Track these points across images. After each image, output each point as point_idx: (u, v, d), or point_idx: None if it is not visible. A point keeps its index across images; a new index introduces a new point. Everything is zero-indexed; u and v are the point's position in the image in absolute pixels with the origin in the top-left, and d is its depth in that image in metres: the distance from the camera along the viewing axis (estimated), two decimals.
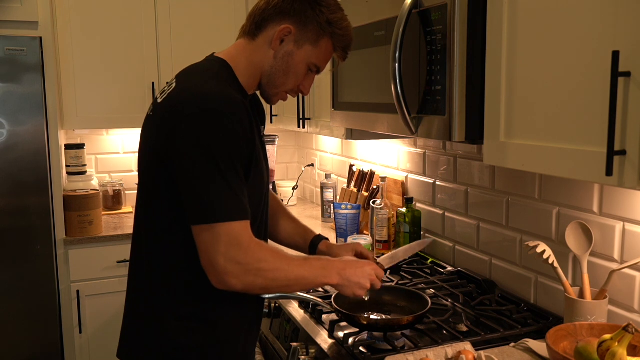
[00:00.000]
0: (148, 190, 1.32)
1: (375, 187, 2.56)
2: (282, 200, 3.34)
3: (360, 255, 1.55)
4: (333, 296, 1.59)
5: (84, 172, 2.99)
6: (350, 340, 1.49)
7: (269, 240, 1.52)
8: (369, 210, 2.50)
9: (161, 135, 1.22)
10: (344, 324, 1.57)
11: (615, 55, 0.98)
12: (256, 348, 1.87)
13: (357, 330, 1.52)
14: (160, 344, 1.31)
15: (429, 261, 2.15)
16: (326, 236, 1.65)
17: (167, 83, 1.34)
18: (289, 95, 1.40)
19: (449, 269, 2.05)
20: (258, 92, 1.42)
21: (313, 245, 1.60)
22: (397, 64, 1.45)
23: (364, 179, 2.69)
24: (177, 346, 1.30)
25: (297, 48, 1.31)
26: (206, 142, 1.16)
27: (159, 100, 1.29)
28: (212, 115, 1.16)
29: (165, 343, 1.30)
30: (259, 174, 1.29)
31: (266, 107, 3.03)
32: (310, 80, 1.39)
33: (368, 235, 2.45)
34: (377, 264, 1.44)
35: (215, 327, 1.32)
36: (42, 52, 2.59)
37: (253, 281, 1.20)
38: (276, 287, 1.25)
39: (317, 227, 2.89)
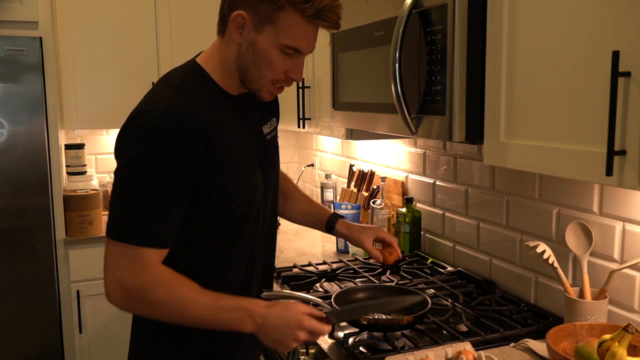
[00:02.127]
0: None
1: (375, 187, 2.56)
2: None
3: (382, 240, 1.55)
4: (333, 296, 1.59)
5: (84, 172, 2.99)
6: (350, 340, 1.49)
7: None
8: (369, 210, 2.50)
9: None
10: (344, 324, 1.57)
11: (615, 55, 0.98)
12: None
13: (357, 330, 1.52)
14: (160, 349, 1.31)
15: (429, 261, 2.15)
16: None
17: None
18: (281, 86, 1.27)
19: (449, 269, 2.05)
20: None
21: (329, 225, 1.56)
22: (397, 64, 1.45)
23: (364, 179, 2.69)
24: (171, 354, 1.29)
25: (258, 33, 1.17)
26: (135, 160, 1.12)
27: None
28: (146, 135, 1.11)
29: (163, 348, 1.30)
30: (230, 191, 1.21)
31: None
32: (297, 64, 1.23)
33: None
34: (329, 314, 1.23)
35: (215, 338, 1.29)
36: (42, 52, 2.59)
37: (138, 309, 1.18)
38: (168, 321, 1.18)
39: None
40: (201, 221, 1.22)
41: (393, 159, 2.53)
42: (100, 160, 3.33)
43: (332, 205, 2.78)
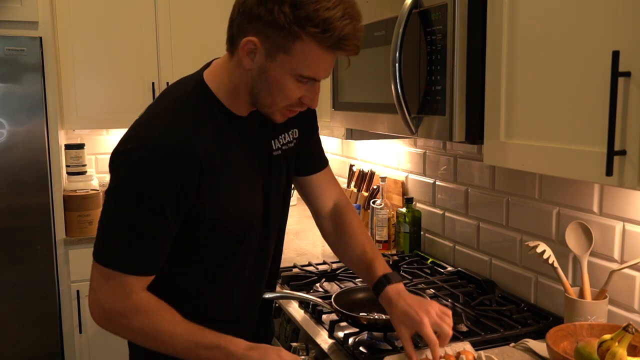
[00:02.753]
0: None
1: (375, 187, 2.56)
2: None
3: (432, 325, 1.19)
4: (333, 296, 1.59)
5: (84, 172, 2.99)
6: (350, 340, 1.49)
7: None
8: (369, 210, 2.50)
9: None
10: (344, 324, 1.57)
11: (615, 55, 0.98)
12: None
13: (357, 330, 1.52)
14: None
15: (429, 261, 2.15)
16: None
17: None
18: (296, 110, 1.22)
19: (449, 269, 2.05)
20: None
21: (379, 287, 1.29)
22: (397, 64, 1.45)
23: (364, 179, 2.69)
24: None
25: (270, 61, 1.08)
26: (124, 188, 1.09)
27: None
28: (138, 163, 1.07)
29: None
30: (226, 215, 1.18)
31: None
32: (312, 91, 1.16)
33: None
34: None
35: None
36: (42, 52, 2.59)
37: (116, 331, 1.17)
38: (145, 346, 1.17)
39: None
40: (193, 245, 1.20)
41: (393, 159, 2.52)
42: (100, 160, 3.33)
43: None
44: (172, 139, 1.09)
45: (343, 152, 3.04)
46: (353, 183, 2.79)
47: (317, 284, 1.92)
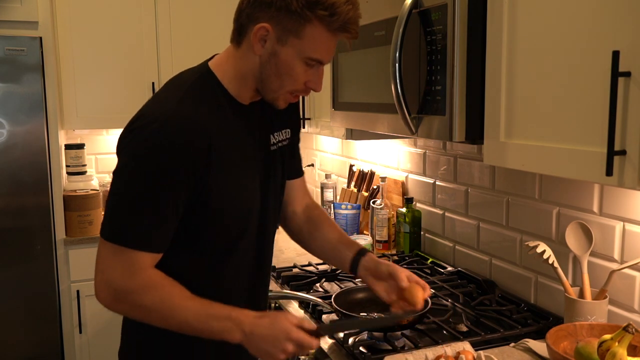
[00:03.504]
0: None
1: (375, 187, 2.56)
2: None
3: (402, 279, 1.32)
4: (333, 296, 1.59)
5: (84, 172, 2.99)
6: (350, 340, 1.49)
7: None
8: (369, 210, 2.50)
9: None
10: None
11: (615, 55, 0.98)
12: None
13: (357, 330, 1.52)
14: (149, 341, 1.30)
15: (429, 261, 2.15)
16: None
17: None
18: (299, 95, 1.26)
19: (449, 269, 2.05)
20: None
21: (361, 254, 1.40)
22: (397, 64, 1.45)
23: (364, 179, 2.69)
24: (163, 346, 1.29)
25: (281, 45, 1.15)
26: (135, 163, 1.11)
27: None
28: (147, 139, 1.10)
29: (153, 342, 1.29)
30: (229, 201, 1.20)
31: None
32: (318, 75, 1.21)
33: (368, 235, 2.45)
34: (319, 327, 1.21)
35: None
36: (42, 52, 2.59)
37: (125, 310, 1.18)
38: (154, 324, 1.17)
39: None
40: (197, 230, 1.21)
41: (393, 159, 2.53)
42: (100, 160, 3.33)
43: (332, 205, 2.79)
44: (183, 114, 1.12)
45: (343, 152, 3.04)
46: (353, 183, 2.79)
47: (317, 284, 1.92)
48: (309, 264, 2.15)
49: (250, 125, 1.27)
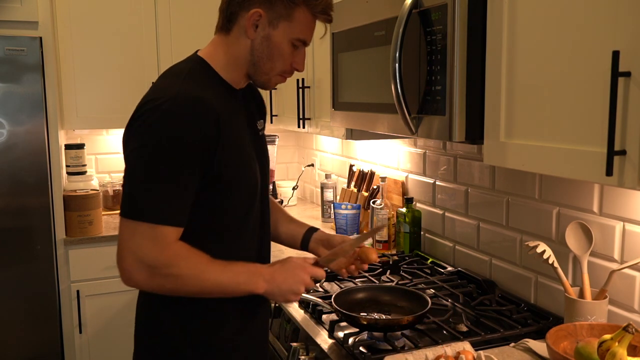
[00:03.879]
0: None
1: (375, 187, 2.56)
2: (281, 201, 3.34)
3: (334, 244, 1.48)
4: (333, 296, 1.59)
5: (84, 172, 2.99)
6: (350, 340, 1.49)
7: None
8: (369, 210, 2.50)
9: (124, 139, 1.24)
10: (344, 324, 1.57)
11: (615, 55, 0.98)
12: None
13: (357, 330, 1.52)
14: (163, 348, 1.31)
15: (429, 261, 2.15)
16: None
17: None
18: (286, 77, 1.36)
19: (449, 269, 2.05)
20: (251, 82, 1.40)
21: (312, 230, 1.56)
22: (397, 64, 1.45)
23: (364, 179, 2.69)
24: (178, 350, 1.30)
25: (273, 29, 1.27)
26: (149, 142, 1.16)
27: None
28: (160, 117, 1.16)
29: (167, 348, 1.31)
30: (239, 177, 1.27)
31: (267, 107, 3.04)
32: (301, 56, 1.34)
33: None
34: (316, 263, 1.36)
35: (215, 332, 1.32)
36: (42, 52, 2.59)
37: (161, 284, 1.21)
38: (189, 293, 1.24)
39: (317, 227, 2.88)
40: (210, 205, 1.25)
41: (393, 159, 2.53)
42: (100, 160, 3.33)
43: (332, 205, 2.79)
44: (190, 93, 1.19)
45: (343, 152, 3.04)
46: (353, 183, 2.79)
47: (317, 284, 1.92)
48: None
49: (243, 110, 1.35)
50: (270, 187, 3.32)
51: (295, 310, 1.75)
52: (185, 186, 1.18)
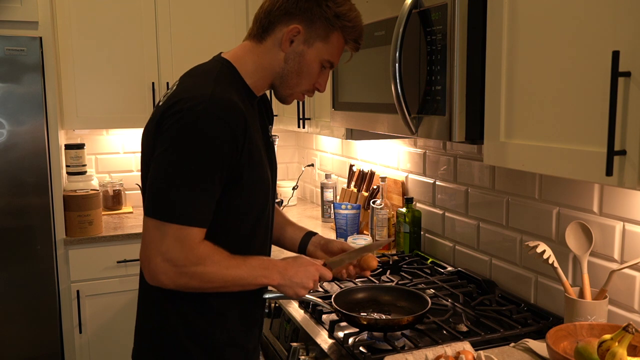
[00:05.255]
0: None
1: (375, 187, 2.56)
2: (281, 202, 3.34)
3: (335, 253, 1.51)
4: (333, 296, 1.59)
5: (84, 172, 2.99)
6: (350, 340, 1.49)
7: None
8: (369, 210, 2.50)
9: (155, 138, 1.23)
10: (344, 324, 1.57)
11: (615, 55, 0.98)
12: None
13: (357, 330, 1.52)
14: (167, 345, 1.32)
15: (429, 261, 2.15)
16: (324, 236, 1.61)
17: (172, 85, 1.34)
18: (306, 95, 1.39)
19: (449, 269, 2.05)
20: (268, 92, 1.42)
21: (310, 235, 1.58)
22: (397, 64, 1.45)
23: (364, 179, 2.69)
24: (182, 347, 1.31)
25: (308, 47, 1.30)
26: (183, 143, 1.17)
27: (160, 104, 1.29)
28: (195, 119, 1.16)
29: (171, 344, 1.31)
30: (255, 178, 1.28)
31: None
32: (325, 77, 1.37)
33: (368, 235, 2.45)
34: (325, 263, 1.40)
35: (219, 328, 1.33)
36: (42, 52, 2.59)
37: (187, 282, 1.22)
38: (211, 289, 1.26)
39: (317, 227, 2.89)
40: (226, 207, 1.27)
41: (393, 159, 2.53)
42: (100, 160, 3.33)
43: (332, 205, 2.79)
44: (221, 96, 1.20)
45: (343, 152, 3.04)
46: (353, 183, 2.79)
47: (320, 284, 1.92)
48: None
49: (257, 115, 1.37)
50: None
51: (295, 310, 1.75)
52: (214, 187, 1.20)
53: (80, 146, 3.01)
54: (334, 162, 3.17)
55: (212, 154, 1.17)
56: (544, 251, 1.50)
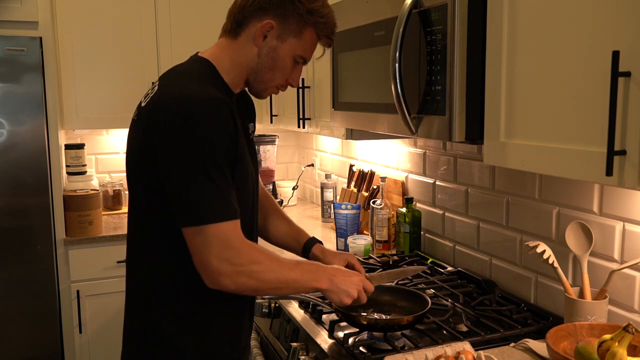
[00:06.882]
0: (136, 193, 1.33)
1: (375, 187, 2.56)
2: (281, 202, 3.34)
3: (351, 267, 1.53)
4: None
5: (84, 172, 2.99)
6: (350, 340, 1.49)
7: (260, 240, 1.54)
8: (369, 210, 2.50)
9: (147, 140, 1.22)
10: (344, 324, 1.57)
11: (615, 55, 0.98)
12: (257, 349, 1.87)
13: (357, 330, 1.52)
14: (157, 346, 1.31)
15: (429, 261, 2.15)
16: (320, 239, 1.64)
17: (152, 84, 1.34)
18: (279, 90, 1.40)
19: (449, 269, 2.05)
20: (246, 89, 1.42)
21: (306, 248, 1.60)
22: (397, 64, 1.45)
23: (364, 179, 2.69)
24: (173, 347, 1.30)
25: (281, 42, 1.31)
26: (190, 144, 1.17)
27: (143, 104, 1.30)
28: (194, 117, 1.16)
29: (162, 344, 1.31)
30: (244, 173, 1.29)
31: (265, 107, 3.04)
32: (298, 72, 1.38)
33: (368, 235, 2.45)
34: (367, 278, 1.43)
35: (210, 327, 1.33)
36: (42, 52, 2.59)
37: (245, 282, 1.21)
38: (267, 289, 1.27)
39: (317, 227, 2.89)
40: None
41: (393, 159, 2.53)
42: (100, 160, 3.33)
43: (332, 205, 2.78)
44: (211, 93, 1.21)
45: (343, 152, 3.04)
46: (353, 183, 2.79)
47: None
48: None
49: (239, 111, 1.38)
50: (270, 187, 3.33)
51: (295, 310, 1.75)
52: (227, 180, 1.21)
53: (80, 146, 3.01)
54: (334, 162, 3.17)
55: (218, 149, 1.18)
56: (544, 251, 1.50)
